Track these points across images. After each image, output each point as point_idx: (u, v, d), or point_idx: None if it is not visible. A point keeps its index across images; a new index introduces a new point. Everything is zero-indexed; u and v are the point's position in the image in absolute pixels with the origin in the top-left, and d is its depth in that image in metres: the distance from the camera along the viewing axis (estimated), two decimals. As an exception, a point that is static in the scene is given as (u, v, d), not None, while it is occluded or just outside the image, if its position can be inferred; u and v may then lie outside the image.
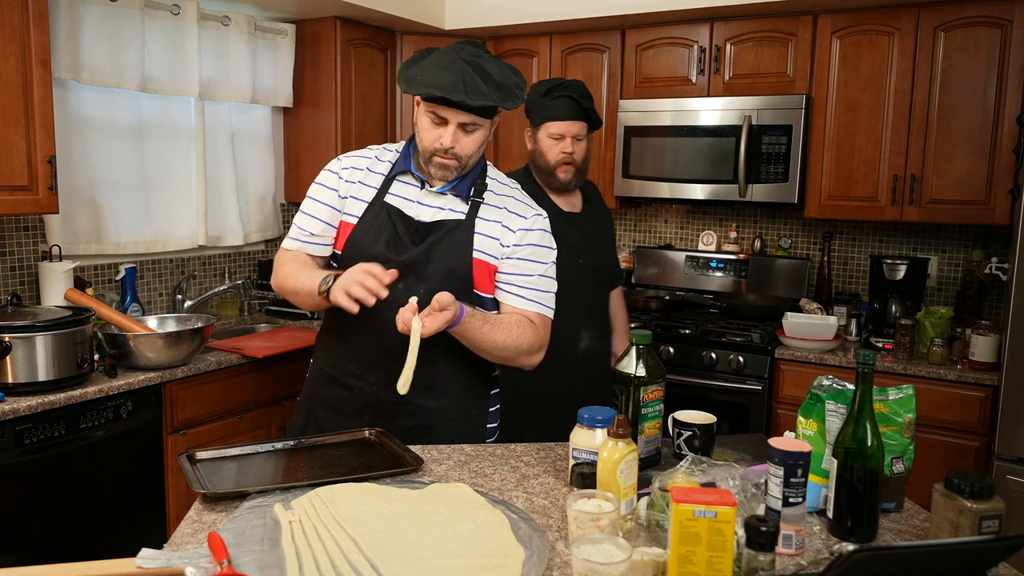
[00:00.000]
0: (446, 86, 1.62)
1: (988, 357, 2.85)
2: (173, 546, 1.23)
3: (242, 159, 3.61)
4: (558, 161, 2.37)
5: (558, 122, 2.36)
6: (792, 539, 1.24)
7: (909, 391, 1.43)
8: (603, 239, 2.57)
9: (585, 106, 2.36)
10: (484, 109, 1.67)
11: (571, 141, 2.36)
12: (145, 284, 3.29)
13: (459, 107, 1.65)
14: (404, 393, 1.57)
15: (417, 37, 3.84)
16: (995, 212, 2.98)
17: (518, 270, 1.79)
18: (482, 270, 1.77)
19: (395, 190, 1.80)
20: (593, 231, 2.50)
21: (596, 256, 2.48)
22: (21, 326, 2.28)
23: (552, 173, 2.39)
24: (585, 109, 2.37)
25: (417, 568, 1.12)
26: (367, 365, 1.80)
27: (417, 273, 1.74)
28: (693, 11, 3.36)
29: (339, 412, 1.83)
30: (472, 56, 1.67)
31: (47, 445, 2.31)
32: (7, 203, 2.44)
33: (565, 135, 2.35)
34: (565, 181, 2.39)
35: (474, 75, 1.63)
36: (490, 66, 1.67)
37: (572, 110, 2.35)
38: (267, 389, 3.01)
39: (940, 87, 3.04)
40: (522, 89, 1.72)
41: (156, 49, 3.11)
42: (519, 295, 1.79)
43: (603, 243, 2.56)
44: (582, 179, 2.46)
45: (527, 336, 1.75)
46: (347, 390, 1.83)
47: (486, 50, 1.72)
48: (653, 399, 1.53)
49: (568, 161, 2.37)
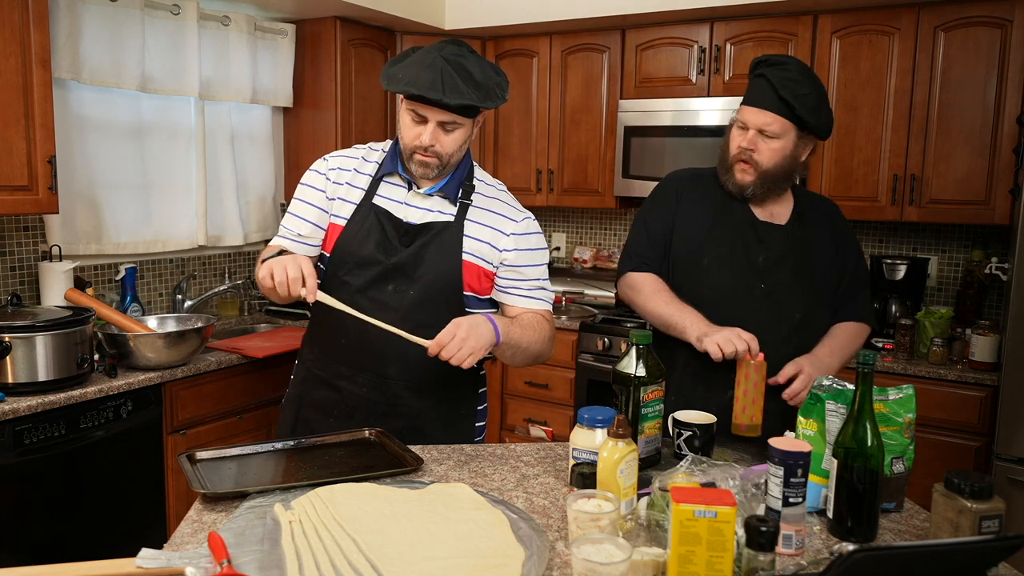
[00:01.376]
0: (425, 84, 1.62)
1: (988, 357, 2.85)
2: (173, 546, 1.23)
3: (242, 159, 3.61)
4: (735, 156, 1.88)
5: (746, 108, 1.85)
6: (792, 539, 1.24)
7: (909, 391, 1.43)
8: (813, 266, 1.91)
9: (783, 96, 1.78)
10: (463, 108, 1.66)
11: (755, 135, 1.84)
12: (145, 284, 3.29)
13: (438, 105, 1.64)
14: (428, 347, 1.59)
15: (417, 37, 3.84)
16: (995, 212, 2.98)
17: (521, 276, 1.81)
18: (472, 272, 1.77)
19: (383, 192, 1.79)
20: (795, 251, 1.90)
21: (789, 283, 1.88)
22: (21, 326, 2.28)
23: (729, 169, 1.90)
24: (783, 100, 1.78)
25: (417, 568, 1.12)
26: (357, 367, 1.80)
27: (407, 275, 1.74)
28: (693, 11, 3.36)
29: (328, 414, 1.84)
30: (454, 55, 1.66)
31: (47, 445, 2.31)
32: (7, 203, 2.44)
33: (749, 126, 1.85)
34: (740, 183, 1.88)
35: (454, 74, 1.63)
36: (471, 65, 1.66)
37: (766, 96, 1.81)
38: (267, 389, 3.01)
39: (940, 87, 3.04)
40: (504, 89, 1.71)
41: (156, 49, 3.11)
42: (526, 296, 1.82)
43: (809, 271, 1.90)
44: (769, 187, 1.88)
45: (547, 329, 1.81)
46: (336, 392, 1.83)
47: (470, 49, 1.71)
48: (653, 399, 1.53)
49: (744, 159, 1.86)
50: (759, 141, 1.83)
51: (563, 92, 3.84)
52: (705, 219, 1.92)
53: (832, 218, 1.99)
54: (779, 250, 1.89)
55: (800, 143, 1.85)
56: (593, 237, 4.27)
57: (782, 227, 1.92)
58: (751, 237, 1.89)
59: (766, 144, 1.83)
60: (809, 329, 1.89)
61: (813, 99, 1.79)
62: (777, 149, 1.83)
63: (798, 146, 1.85)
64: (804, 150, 1.87)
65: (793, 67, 1.81)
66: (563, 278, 4.04)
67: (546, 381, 3.71)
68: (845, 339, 1.91)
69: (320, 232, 1.82)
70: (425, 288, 1.74)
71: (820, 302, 1.92)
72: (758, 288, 1.87)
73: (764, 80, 1.81)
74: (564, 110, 3.85)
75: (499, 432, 3.89)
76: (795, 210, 1.94)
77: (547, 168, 3.92)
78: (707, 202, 1.94)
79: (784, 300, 1.87)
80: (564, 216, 4.34)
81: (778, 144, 1.82)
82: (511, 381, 3.83)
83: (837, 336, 1.91)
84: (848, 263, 1.97)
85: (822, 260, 1.92)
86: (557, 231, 4.36)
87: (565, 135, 3.86)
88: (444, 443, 1.76)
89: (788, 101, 1.78)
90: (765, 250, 1.89)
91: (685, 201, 1.96)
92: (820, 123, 1.82)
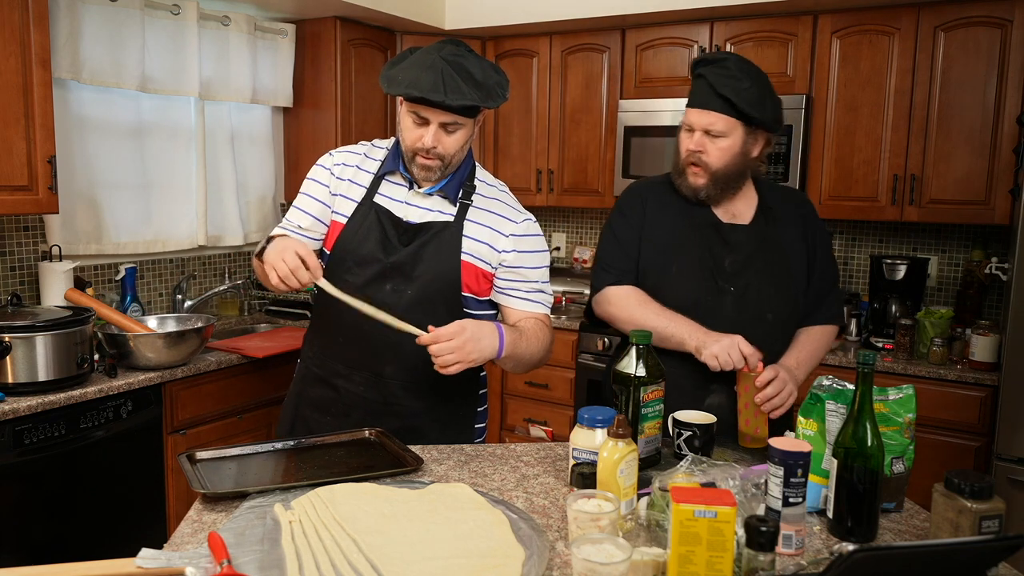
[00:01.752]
0: (426, 87, 1.61)
1: (988, 357, 2.85)
2: (173, 546, 1.23)
3: (242, 159, 3.61)
4: (685, 160, 1.85)
5: (690, 110, 1.83)
6: (792, 539, 1.24)
7: (909, 391, 1.43)
8: (781, 264, 1.87)
9: (722, 93, 1.75)
10: (465, 109, 1.66)
11: (702, 136, 1.81)
12: (145, 284, 3.29)
13: (439, 107, 1.64)
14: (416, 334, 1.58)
15: (417, 37, 3.84)
16: (995, 212, 2.98)
17: (521, 277, 1.80)
18: (471, 272, 1.77)
19: (384, 190, 1.79)
20: (762, 250, 1.86)
21: (758, 284, 1.84)
22: (21, 326, 2.28)
23: (682, 174, 1.87)
24: (723, 97, 1.75)
25: (417, 568, 1.12)
26: (354, 365, 1.80)
27: (405, 275, 1.74)
28: (693, 11, 3.36)
29: (326, 412, 1.84)
30: (453, 55, 1.65)
31: (47, 445, 2.31)
32: (7, 203, 2.44)
33: (695, 128, 1.82)
34: (693, 187, 1.85)
35: (454, 75, 1.62)
36: (471, 65, 1.65)
37: (707, 96, 1.78)
38: (267, 389, 3.01)
39: (940, 87, 3.04)
40: (504, 88, 1.70)
41: (156, 49, 3.11)
42: (526, 298, 1.82)
43: (777, 270, 1.86)
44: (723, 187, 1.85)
45: (548, 334, 1.81)
46: (333, 390, 1.83)
47: (469, 49, 1.70)
48: (653, 399, 1.53)
49: (694, 161, 1.83)
50: (706, 142, 1.80)
51: (563, 92, 3.84)
52: (670, 227, 1.89)
53: (802, 211, 1.94)
54: (745, 251, 1.85)
55: (749, 139, 1.81)
56: (593, 237, 4.27)
57: (746, 227, 1.88)
58: (715, 240, 1.85)
59: (714, 144, 1.79)
60: (781, 329, 1.85)
61: (754, 92, 1.75)
62: (725, 148, 1.79)
63: (747, 142, 1.81)
64: (755, 146, 1.83)
65: (732, 63, 1.78)
66: (563, 278, 4.04)
67: (546, 381, 3.71)
68: (812, 348, 1.89)
69: (321, 226, 1.82)
70: (423, 288, 1.73)
71: (791, 301, 1.88)
72: (728, 292, 1.83)
73: (703, 80, 1.79)
74: (564, 110, 3.85)
75: (499, 432, 3.89)
76: (760, 206, 1.90)
77: (547, 168, 3.92)
78: (670, 210, 1.90)
79: (754, 302, 1.83)
80: (564, 216, 4.34)
81: (726, 143, 1.79)
82: (511, 381, 3.83)
83: (804, 346, 1.87)
84: (819, 259, 1.92)
85: (792, 256, 1.88)
86: (557, 231, 4.36)
87: (565, 135, 3.86)
88: (443, 444, 1.76)
89: (728, 98, 1.74)
90: (731, 252, 1.85)
91: (651, 210, 1.92)
92: (766, 116, 1.78)
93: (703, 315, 1.79)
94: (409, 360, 1.73)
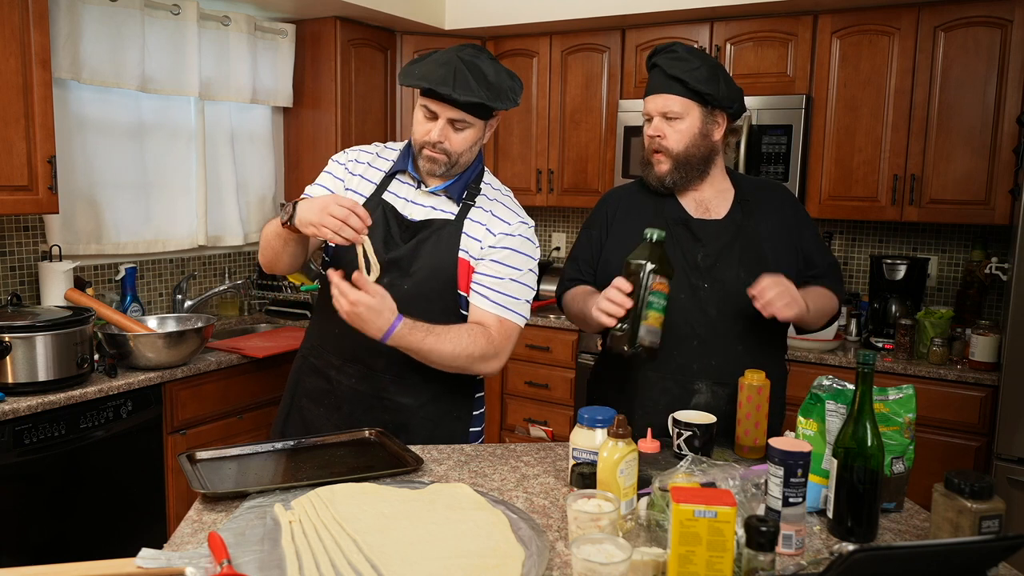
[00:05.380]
0: (436, 79, 1.65)
1: (988, 357, 2.85)
2: (173, 546, 1.23)
3: (242, 159, 3.61)
4: (648, 149, 1.86)
5: (647, 99, 1.85)
6: (792, 539, 1.24)
7: (909, 391, 1.43)
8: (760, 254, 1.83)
9: (672, 75, 1.78)
10: (472, 106, 1.68)
11: (660, 121, 1.82)
12: (145, 284, 3.29)
13: (447, 101, 1.67)
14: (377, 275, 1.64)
15: (417, 37, 3.84)
16: (995, 212, 2.98)
17: (490, 271, 1.77)
18: (465, 270, 1.78)
19: (392, 188, 1.83)
20: (739, 242, 1.84)
21: (736, 278, 1.80)
22: (21, 326, 2.28)
23: (648, 164, 1.88)
24: (674, 78, 1.78)
25: (417, 568, 1.12)
26: (346, 357, 1.82)
27: (402, 270, 1.76)
28: (693, 11, 3.36)
29: (319, 403, 1.86)
30: (470, 56, 1.70)
31: (47, 445, 2.31)
32: (7, 203, 2.44)
33: (653, 114, 1.83)
34: (658, 175, 1.85)
35: (466, 72, 1.66)
36: (486, 66, 1.70)
37: (660, 82, 1.82)
38: (267, 389, 3.01)
39: (940, 87, 3.04)
40: (516, 93, 1.73)
41: (156, 49, 3.11)
42: (485, 296, 1.77)
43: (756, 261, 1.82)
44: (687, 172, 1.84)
45: (479, 343, 1.71)
46: (327, 381, 1.85)
47: (490, 55, 1.74)
48: (659, 290, 1.56)
49: (656, 148, 1.83)
50: (664, 127, 1.81)
51: (563, 92, 3.84)
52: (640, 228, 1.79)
53: (783, 203, 1.92)
54: (718, 245, 1.83)
55: (708, 120, 1.81)
56: (593, 237, 4.26)
57: (719, 221, 1.86)
58: (685, 236, 1.84)
59: (672, 128, 1.80)
60: (764, 322, 1.75)
61: (704, 71, 1.78)
62: (684, 130, 1.80)
63: (706, 123, 1.81)
64: (714, 127, 1.83)
65: (679, 48, 1.82)
66: (563, 278, 4.03)
67: (546, 381, 3.71)
68: (815, 293, 1.82)
69: None
70: (418, 284, 1.75)
71: None
72: (702, 288, 1.81)
73: (656, 69, 1.82)
74: (564, 110, 3.85)
75: (499, 432, 3.89)
76: (736, 200, 1.89)
77: (547, 168, 3.92)
78: (639, 211, 1.90)
79: (733, 295, 1.79)
80: (564, 216, 4.33)
81: (684, 125, 1.80)
82: (511, 381, 3.83)
83: (807, 290, 1.81)
84: (806, 240, 1.90)
85: (774, 248, 1.85)
86: (557, 231, 4.36)
87: (565, 135, 3.86)
88: (431, 443, 1.76)
89: (679, 78, 1.77)
90: (703, 247, 1.83)
91: (618, 216, 1.93)
92: (719, 93, 1.79)
93: (679, 312, 1.76)
94: (401, 355, 1.72)
